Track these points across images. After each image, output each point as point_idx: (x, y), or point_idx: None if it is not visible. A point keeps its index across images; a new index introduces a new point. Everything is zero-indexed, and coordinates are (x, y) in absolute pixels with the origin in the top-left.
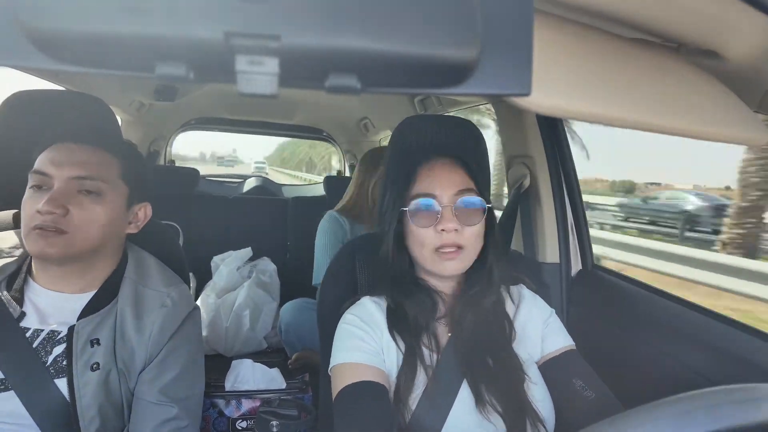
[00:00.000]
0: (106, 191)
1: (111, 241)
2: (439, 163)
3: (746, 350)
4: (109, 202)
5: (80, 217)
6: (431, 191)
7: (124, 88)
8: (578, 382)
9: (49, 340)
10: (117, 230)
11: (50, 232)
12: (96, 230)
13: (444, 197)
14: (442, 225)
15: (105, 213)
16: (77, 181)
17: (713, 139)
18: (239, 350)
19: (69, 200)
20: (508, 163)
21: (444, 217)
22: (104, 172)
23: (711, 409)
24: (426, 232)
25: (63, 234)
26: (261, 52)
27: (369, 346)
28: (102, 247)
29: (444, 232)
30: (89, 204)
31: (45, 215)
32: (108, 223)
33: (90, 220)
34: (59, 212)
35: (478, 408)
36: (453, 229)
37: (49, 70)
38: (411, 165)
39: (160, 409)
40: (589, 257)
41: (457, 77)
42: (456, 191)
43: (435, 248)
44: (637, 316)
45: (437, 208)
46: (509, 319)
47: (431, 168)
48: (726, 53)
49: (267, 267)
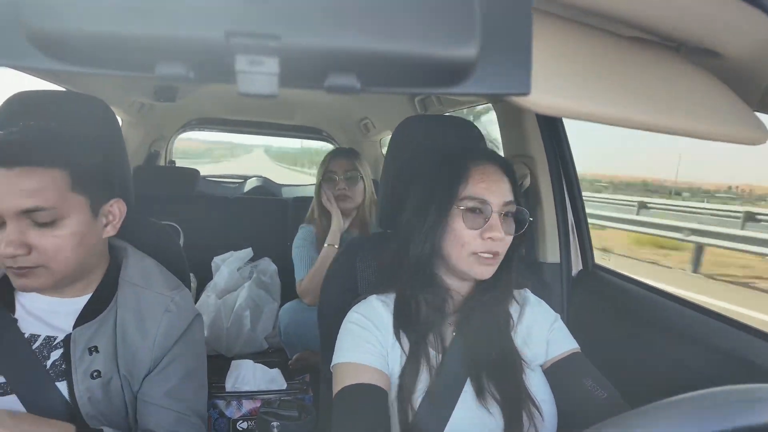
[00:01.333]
0: (62, 215)
1: (91, 253)
2: (490, 168)
3: (748, 351)
4: (69, 225)
5: (46, 249)
6: (486, 196)
7: (125, 89)
8: (589, 381)
9: (46, 345)
10: (93, 242)
11: (25, 270)
12: (69, 253)
13: (495, 204)
14: (491, 233)
15: (70, 235)
16: (27, 214)
17: (713, 138)
18: (240, 351)
19: (27, 236)
20: None
21: (493, 225)
22: (51, 195)
23: (721, 409)
24: (471, 234)
25: (37, 268)
26: (261, 51)
27: (373, 347)
28: (85, 262)
29: (490, 240)
30: (50, 233)
31: (11, 258)
32: (79, 242)
33: (58, 248)
34: (21, 252)
35: (479, 400)
36: (500, 238)
37: (50, 70)
38: (461, 165)
39: (169, 411)
40: (590, 257)
41: (456, 77)
42: (505, 201)
43: (474, 252)
44: (637, 316)
45: (489, 213)
46: (510, 315)
47: (484, 172)
48: (726, 52)
49: (268, 267)
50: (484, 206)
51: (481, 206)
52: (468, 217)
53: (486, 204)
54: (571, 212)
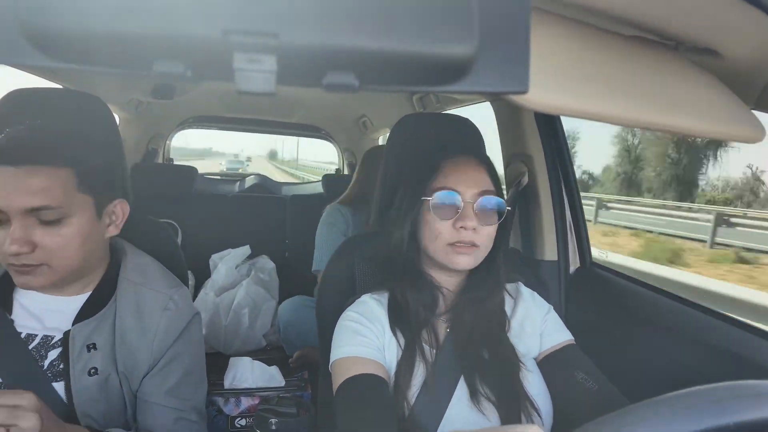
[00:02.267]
0: (68, 214)
1: (93, 252)
2: (463, 160)
3: (744, 348)
4: (74, 224)
5: (51, 246)
6: (456, 186)
7: (123, 87)
8: (580, 374)
9: (43, 345)
10: (96, 241)
11: (28, 268)
12: (73, 253)
13: (467, 194)
14: (462, 222)
15: (75, 233)
16: (33, 212)
17: (710, 136)
18: (238, 349)
19: (32, 234)
20: (506, 161)
21: (465, 214)
22: (59, 194)
23: (716, 404)
24: (444, 225)
25: (41, 266)
26: (259, 49)
27: (370, 340)
28: (87, 261)
29: (462, 229)
30: (55, 232)
31: (14, 256)
32: (83, 241)
33: (62, 246)
34: (26, 250)
35: (473, 401)
36: (472, 227)
37: (46, 68)
38: (434, 158)
39: (169, 410)
40: (588, 254)
41: (454, 75)
42: (479, 191)
43: (449, 242)
44: (635, 314)
45: (459, 203)
46: (505, 313)
47: (456, 164)
48: (724, 51)
49: (266, 265)
50: (455, 198)
51: (452, 197)
52: (439, 209)
53: (457, 194)
54: (569, 210)
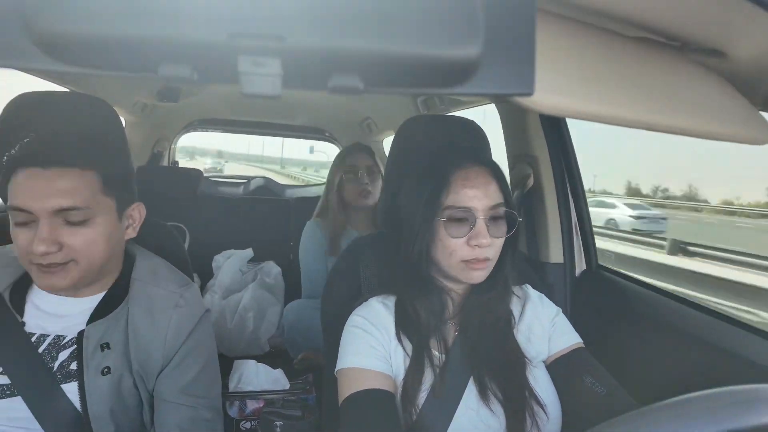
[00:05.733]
0: (93, 215)
1: (113, 253)
2: (474, 171)
3: (752, 351)
4: (100, 224)
5: (77, 246)
6: (468, 204)
7: (128, 90)
8: (588, 378)
9: (54, 345)
10: (117, 242)
11: (54, 267)
12: (97, 253)
13: (480, 210)
14: (476, 240)
15: (100, 233)
16: (61, 213)
17: (717, 138)
18: (242, 351)
19: (59, 234)
20: (511, 163)
21: (478, 232)
22: (86, 195)
23: (724, 409)
24: (457, 242)
25: (66, 264)
26: (264, 53)
27: (376, 350)
28: (107, 262)
29: (477, 247)
30: (81, 232)
31: (42, 255)
32: (107, 241)
33: (88, 245)
34: (54, 249)
35: (482, 399)
36: (486, 244)
37: (54, 72)
38: (444, 170)
39: (185, 408)
40: (594, 257)
41: (459, 77)
42: (491, 204)
43: (462, 259)
44: (641, 317)
45: (473, 220)
46: (512, 312)
47: (467, 177)
48: (730, 52)
49: (272, 270)
50: (468, 214)
51: (465, 215)
52: (452, 227)
53: (470, 211)
54: (574, 212)
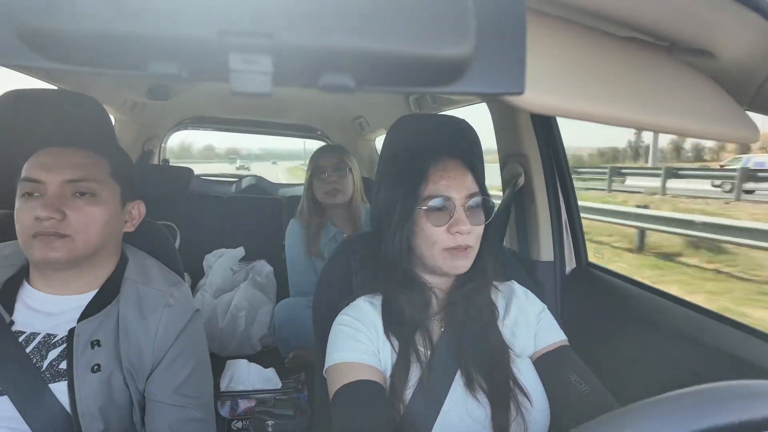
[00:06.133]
0: (100, 192)
1: (110, 241)
2: (450, 163)
3: (739, 348)
4: (104, 202)
5: (78, 219)
6: (446, 193)
7: (118, 87)
8: (573, 376)
9: (44, 344)
10: (115, 230)
11: (52, 237)
12: (96, 231)
13: (458, 199)
14: (457, 227)
15: (102, 213)
16: (71, 184)
17: (705, 137)
18: (234, 350)
19: (65, 204)
20: (502, 162)
21: (458, 219)
22: (96, 172)
23: (711, 405)
24: (439, 231)
25: (64, 237)
26: (254, 50)
27: (364, 345)
28: (102, 248)
29: (458, 234)
30: (85, 206)
31: (44, 221)
32: (106, 223)
33: (88, 221)
34: (57, 217)
35: (468, 390)
36: (467, 231)
37: (41, 68)
38: (421, 164)
39: (177, 409)
40: (584, 255)
41: (450, 76)
42: (468, 194)
43: (446, 248)
44: (630, 314)
45: (452, 209)
46: (495, 304)
47: (444, 169)
48: (718, 52)
49: (263, 269)
50: (447, 203)
51: (445, 203)
52: (432, 216)
53: (449, 200)
54: (564, 210)
